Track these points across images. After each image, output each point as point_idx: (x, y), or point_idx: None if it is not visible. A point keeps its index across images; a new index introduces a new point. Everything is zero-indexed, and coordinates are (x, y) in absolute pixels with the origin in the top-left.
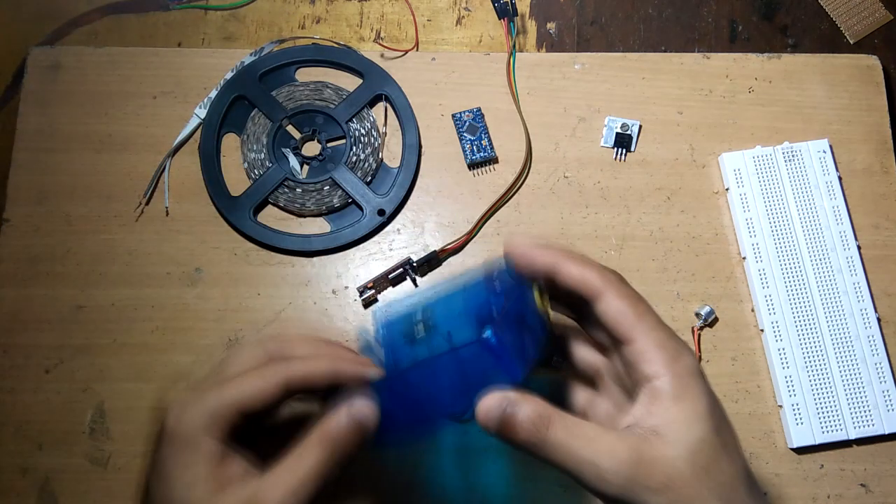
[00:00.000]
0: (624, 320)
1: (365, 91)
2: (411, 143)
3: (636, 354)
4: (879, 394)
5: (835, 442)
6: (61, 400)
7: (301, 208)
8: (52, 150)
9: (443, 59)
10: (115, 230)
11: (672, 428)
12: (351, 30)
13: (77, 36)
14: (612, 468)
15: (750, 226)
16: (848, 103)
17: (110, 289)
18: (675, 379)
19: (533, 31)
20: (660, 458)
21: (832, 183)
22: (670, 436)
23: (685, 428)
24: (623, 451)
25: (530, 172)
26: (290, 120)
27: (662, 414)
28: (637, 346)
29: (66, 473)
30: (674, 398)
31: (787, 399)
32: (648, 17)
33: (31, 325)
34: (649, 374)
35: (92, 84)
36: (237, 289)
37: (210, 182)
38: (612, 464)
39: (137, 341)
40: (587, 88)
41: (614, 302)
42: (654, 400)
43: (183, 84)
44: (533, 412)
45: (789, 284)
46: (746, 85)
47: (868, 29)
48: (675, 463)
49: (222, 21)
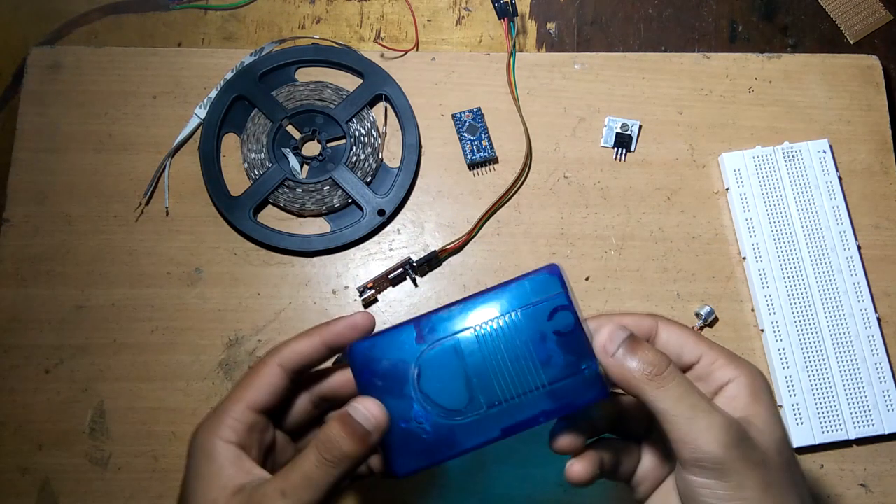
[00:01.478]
0: (688, 341)
1: (365, 91)
2: (411, 143)
3: (708, 366)
4: (879, 394)
5: (835, 442)
6: (61, 400)
7: (301, 208)
8: (52, 150)
9: (443, 59)
10: (115, 230)
11: (759, 420)
12: (351, 30)
13: (77, 36)
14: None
15: (750, 226)
16: (848, 103)
17: (110, 289)
18: (751, 379)
19: (533, 31)
20: (756, 441)
21: (832, 183)
22: (759, 426)
23: (770, 424)
24: (730, 423)
25: (530, 172)
26: (290, 120)
27: (745, 409)
28: (707, 359)
29: (66, 473)
30: (753, 396)
31: (787, 399)
32: (648, 17)
33: (31, 325)
34: (727, 378)
35: (92, 84)
36: (237, 289)
37: (210, 182)
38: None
39: (137, 341)
40: (587, 88)
41: (673, 329)
42: (733, 399)
43: (183, 84)
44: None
45: (789, 284)
46: (746, 85)
47: (868, 29)
48: (767, 449)
49: (222, 21)
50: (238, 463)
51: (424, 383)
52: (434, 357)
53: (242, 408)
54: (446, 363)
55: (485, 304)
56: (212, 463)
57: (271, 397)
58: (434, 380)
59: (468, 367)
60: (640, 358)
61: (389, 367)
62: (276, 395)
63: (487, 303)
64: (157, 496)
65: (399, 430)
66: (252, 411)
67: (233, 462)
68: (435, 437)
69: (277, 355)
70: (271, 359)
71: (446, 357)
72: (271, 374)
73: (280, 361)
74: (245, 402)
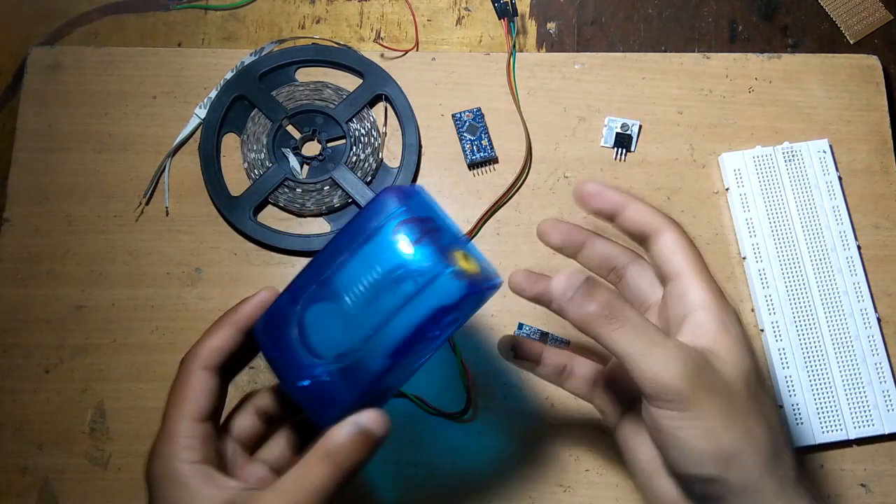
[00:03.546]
0: (678, 254)
1: (365, 91)
2: (411, 143)
3: (686, 286)
4: (879, 394)
5: (835, 442)
6: (61, 400)
7: (301, 208)
8: (52, 150)
9: (443, 59)
10: (115, 230)
11: (723, 350)
12: (351, 30)
13: (77, 36)
14: (673, 368)
15: (750, 226)
16: (848, 103)
17: (110, 289)
18: (721, 309)
19: (533, 31)
20: (719, 371)
21: (832, 183)
22: (723, 356)
23: (736, 354)
24: (687, 354)
25: (530, 172)
26: (290, 120)
27: (711, 338)
28: (687, 280)
29: (66, 473)
30: (720, 325)
31: (787, 399)
32: (648, 17)
33: (31, 325)
34: (697, 302)
35: (92, 84)
36: (237, 289)
37: (210, 182)
38: (674, 363)
39: (137, 341)
40: (587, 88)
41: (675, 238)
42: (702, 325)
43: (183, 84)
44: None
45: (789, 284)
46: (746, 85)
47: (868, 29)
48: (731, 379)
49: (222, 21)
50: (210, 481)
51: (307, 339)
52: (308, 313)
53: (188, 423)
54: (318, 314)
55: (335, 248)
56: (185, 489)
57: (210, 402)
58: (313, 333)
59: (336, 310)
60: (596, 301)
61: (279, 336)
62: (213, 398)
63: (337, 247)
64: None
65: (305, 389)
66: (198, 423)
67: (205, 482)
68: (336, 384)
69: (197, 359)
70: (192, 365)
71: (317, 308)
72: (200, 379)
73: (203, 364)
74: (188, 416)
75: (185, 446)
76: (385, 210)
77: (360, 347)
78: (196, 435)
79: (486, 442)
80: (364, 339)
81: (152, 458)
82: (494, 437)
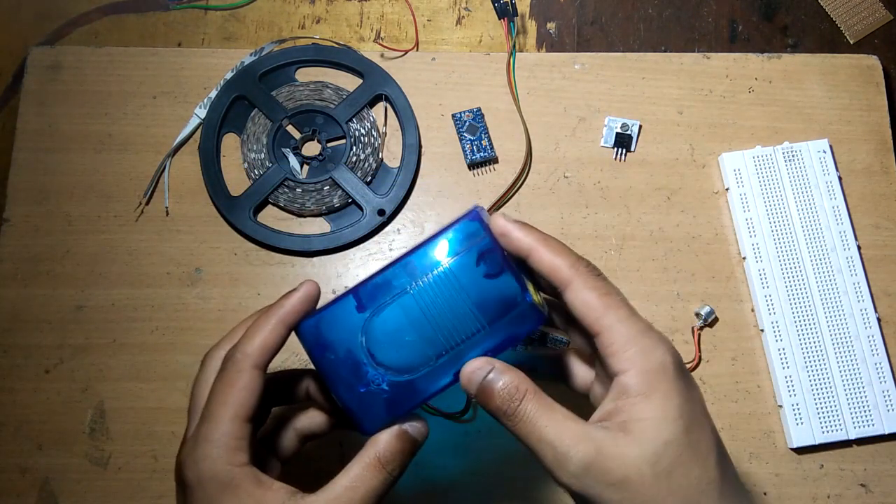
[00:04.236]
0: (590, 312)
1: (365, 91)
2: (411, 143)
3: (604, 347)
4: (879, 394)
5: (835, 442)
6: (61, 400)
7: (301, 208)
8: (52, 150)
9: (443, 59)
10: (115, 230)
11: (639, 426)
12: (351, 30)
13: (77, 36)
14: (571, 455)
15: (750, 226)
16: (848, 103)
17: (110, 289)
18: (642, 375)
19: (533, 31)
20: (620, 455)
21: (832, 183)
22: (636, 434)
23: (652, 427)
24: (586, 441)
25: (530, 172)
26: (290, 120)
27: (629, 410)
28: (604, 339)
29: (66, 473)
30: (642, 395)
31: (787, 399)
32: (648, 17)
33: (31, 325)
34: (616, 370)
35: (92, 84)
36: (237, 289)
37: (210, 182)
38: (572, 451)
39: (137, 341)
40: (587, 88)
41: (582, 292)
42: (621, 395)
43: (183, 84)
44: (510, 383)
45: (789, 284)
46: (746, 85)
47: (868, 29)
48: (635, 462)
49: (222, 21)
50: (260, 484)
51: (373, 348)
52: (377, 322)
53: (239, 423)
54: (390, 325)
55: (416, 261)
56: (236, 492)
57: (257, 402)
58: (382, 343)
59: (411, 324)
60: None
61: (338, 340)
62: (259, 398)
63: (418, 260)
64: (157, 496)
65: (360, 395)
66: (247, 423)
67: (256, 484)
68: (394, 394)
69: (248, 358)
70: (244, 363)
71: (388, 320)
72: (252, 378)
73: (254, 363)
74: (238, 416)
75: (236, 448)
76: (468, 231)
77: (432, 365)
78: (245, 436)
79: (486, 442)
80: (436, 356)
81: (193, 459)
82: (494, 437)
